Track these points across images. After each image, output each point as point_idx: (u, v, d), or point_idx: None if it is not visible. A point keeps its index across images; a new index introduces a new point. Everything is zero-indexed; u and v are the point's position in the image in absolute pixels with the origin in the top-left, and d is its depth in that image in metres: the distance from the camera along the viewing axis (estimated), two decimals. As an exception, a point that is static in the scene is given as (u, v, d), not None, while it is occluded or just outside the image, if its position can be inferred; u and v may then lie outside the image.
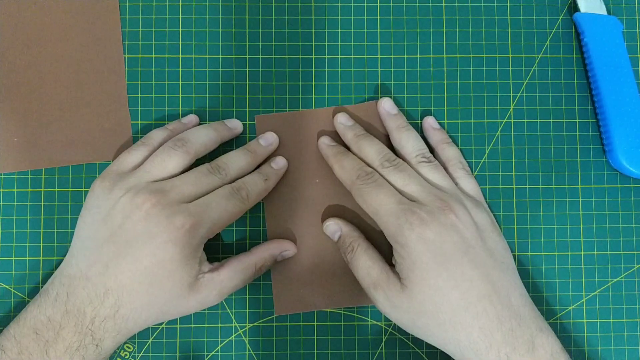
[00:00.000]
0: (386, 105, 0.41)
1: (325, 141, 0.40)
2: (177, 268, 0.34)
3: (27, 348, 0.33)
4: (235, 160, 0.38)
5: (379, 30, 0.42)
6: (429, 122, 0.41)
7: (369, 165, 0.38)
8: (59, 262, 0.40)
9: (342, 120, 0.40)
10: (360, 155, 0.39)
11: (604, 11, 0.42)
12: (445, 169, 0.40)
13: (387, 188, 0.37)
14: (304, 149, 0.41)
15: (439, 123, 0.42)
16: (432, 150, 0.41)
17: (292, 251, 0.40)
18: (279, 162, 0.40)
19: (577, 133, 0.42)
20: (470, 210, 0.37)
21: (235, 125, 0.41)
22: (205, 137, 0.38)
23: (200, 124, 0.41)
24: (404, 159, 0.39)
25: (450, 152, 0.40)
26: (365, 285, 0.37)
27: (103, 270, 0.34)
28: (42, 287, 0.37)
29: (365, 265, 0.37)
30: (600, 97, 0.41)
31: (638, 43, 0.43)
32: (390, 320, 0.40)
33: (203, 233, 0.35)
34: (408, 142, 0.39)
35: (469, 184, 0.39)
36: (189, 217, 0.34)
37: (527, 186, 0.42)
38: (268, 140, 0.40)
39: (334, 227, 0.39)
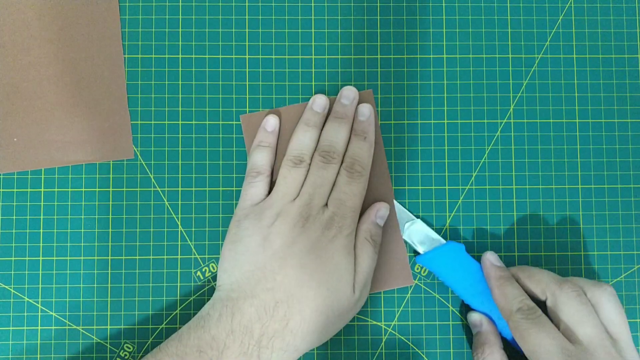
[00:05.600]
0: (491, 258, 0.39)
1: (490, 259, 0.39)
2: (340, 262, 0.36)
3: None
4: (336, 135, 0.39)
5: (379, 30, 0.42)
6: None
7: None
8: (59, 262, 0.40)
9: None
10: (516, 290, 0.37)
11: None
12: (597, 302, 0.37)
13: (550, 328, 0.35)
14: None
15: (439, 123, 0.42)
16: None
17: (386, 208, 0.40)
18: (364, 112, 0.40)
19: (577, 133, 0.42)
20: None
21: (320, 105, 0.40)
22: (310, 142, 0.39)
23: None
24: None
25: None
26: None
27: (271, 285, 0.35)
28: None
29: None
30: None
31: (638, 43, 0.43)
32: (390, 320, 0.40)
33: (350, 224, 0.37)
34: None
35: (611, 309, 0.36)
36: (334, 219, 0.37)
37: (527, 186, 0.41)
38: (349, 97, 0.40)
39: (477, 320, 0.39)
